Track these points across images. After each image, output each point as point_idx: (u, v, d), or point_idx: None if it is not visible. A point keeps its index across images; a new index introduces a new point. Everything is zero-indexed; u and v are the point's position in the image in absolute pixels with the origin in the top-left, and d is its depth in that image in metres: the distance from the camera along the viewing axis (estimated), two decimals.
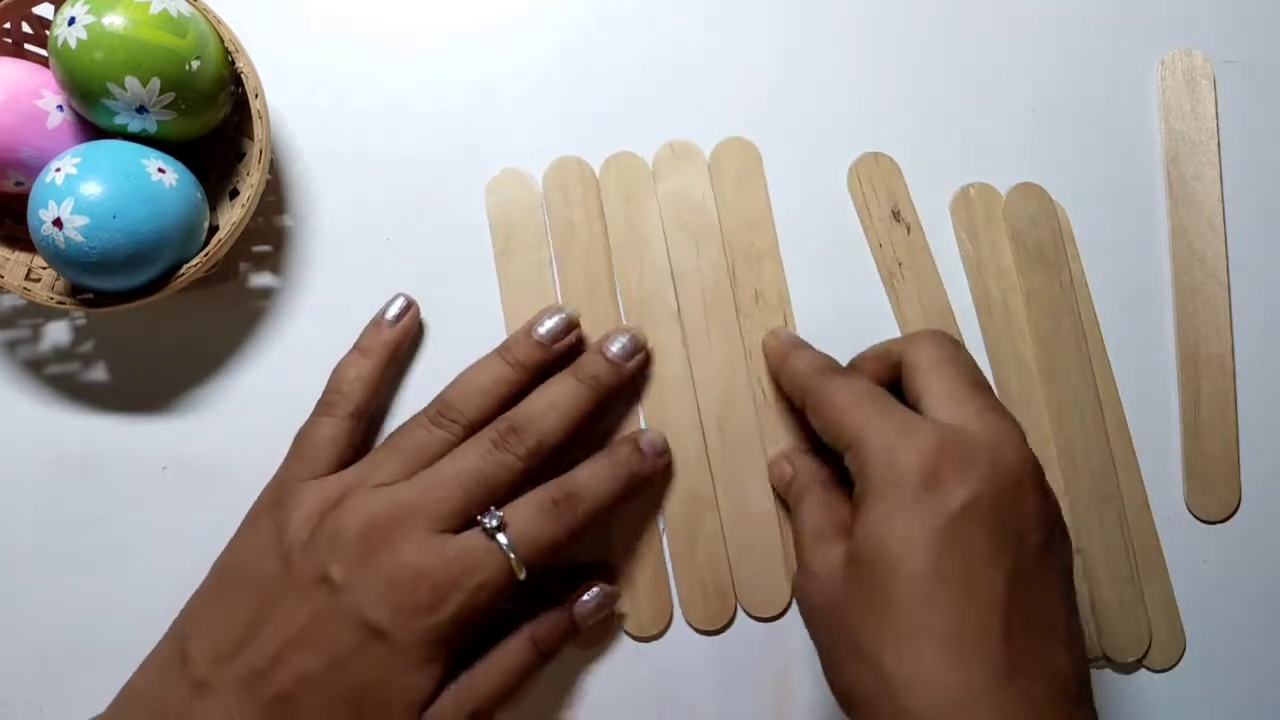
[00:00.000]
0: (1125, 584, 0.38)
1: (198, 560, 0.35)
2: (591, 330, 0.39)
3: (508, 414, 0.35)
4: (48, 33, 0.34)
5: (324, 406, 0.36)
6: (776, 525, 0.38)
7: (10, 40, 0.37)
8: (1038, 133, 0.41)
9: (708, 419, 0.39)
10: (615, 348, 0.37)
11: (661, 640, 0.38)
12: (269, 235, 0.40)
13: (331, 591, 0.31)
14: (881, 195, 0.40)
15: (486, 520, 0.33)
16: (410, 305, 0.38)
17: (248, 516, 0.35)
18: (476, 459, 0.34)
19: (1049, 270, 0.40)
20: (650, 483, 0.37)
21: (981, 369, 0.33)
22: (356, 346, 0.38)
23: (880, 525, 0.30)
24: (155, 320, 0.39)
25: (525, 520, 0.33)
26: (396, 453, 0.34)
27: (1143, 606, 0.38)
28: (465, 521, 0.33)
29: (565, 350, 0.37)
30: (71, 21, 0.32)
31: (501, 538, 0.32)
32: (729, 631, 0.38)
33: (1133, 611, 0.38)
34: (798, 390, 0.35)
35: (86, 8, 0.32)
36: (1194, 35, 0.41)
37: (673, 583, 0.38)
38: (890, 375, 0.34)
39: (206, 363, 0.39)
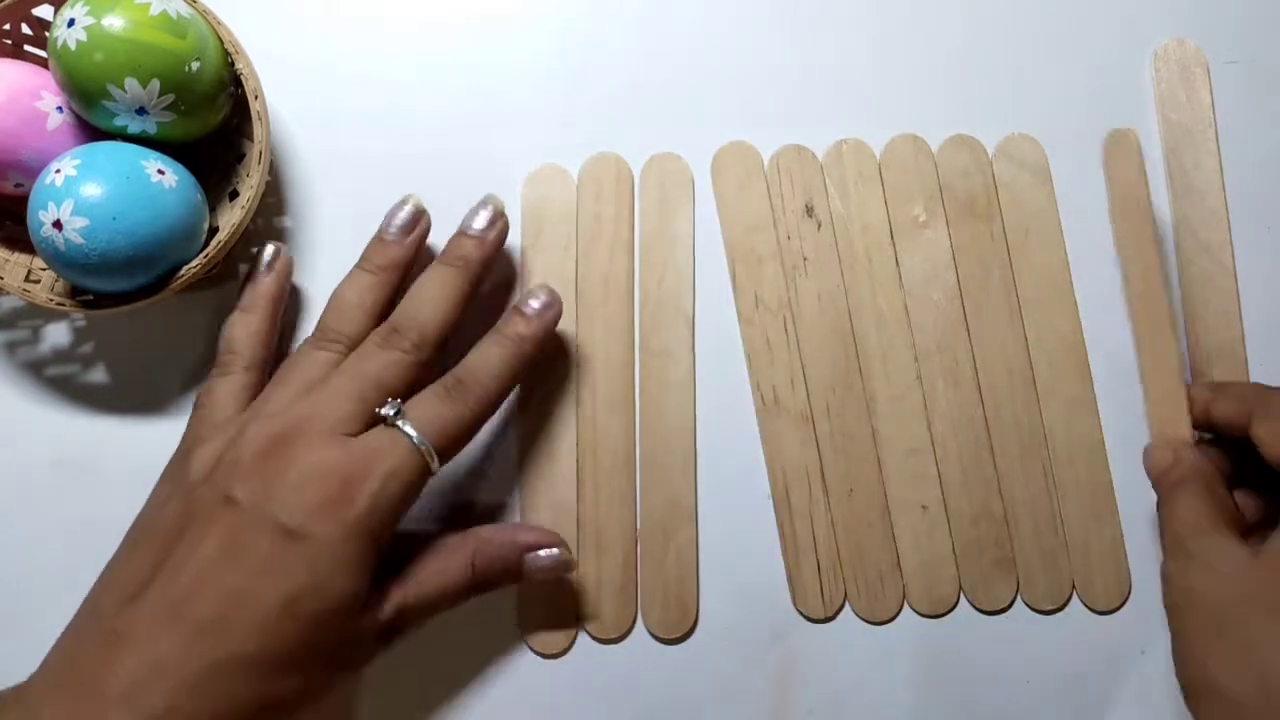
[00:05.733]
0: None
1: None
2: (601, 331, 0.39)
3: (388, 318, 0.35)
4: (47, 34, 0.34)
5: (218, 367, 0.36)
6: None
7: (10, 42, 0.37)
8: (1035, 131, 0.41)
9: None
10: (476, 224, 0.37)
11: (669, 641, 0.38)
12: (269, 237, 0.40)
13: (238, 509, 0.31)
14: (799, 189, 0.40)
15: (386, 409, 0.33)
16: (279, 251, 0.38)
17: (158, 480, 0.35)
18: (364, 362, 0.34)
19: (979, 221, 0.40)
20: (547, 344, 0.37)
21: None
22: (238, 306, 0.37)
23: None
24: (155, 321, 0.39)
25: (424, 407, 0.33)
26: (286, 383, 0.34)
27: None
28: (365, 424, 0.33)
29: (421, 240, 0.37)
30: (71, 23, 0.32)
31: (404, 425, 0.32)
32: (730, 632, 0.38)
33: None
34: (1244, 404, 0.35)
35: (86, 9, 0.32)
36: (1192, 33, 0.41)
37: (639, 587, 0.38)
38: (1238, 421, 0.35)
39: (206, 364, 0.39)
